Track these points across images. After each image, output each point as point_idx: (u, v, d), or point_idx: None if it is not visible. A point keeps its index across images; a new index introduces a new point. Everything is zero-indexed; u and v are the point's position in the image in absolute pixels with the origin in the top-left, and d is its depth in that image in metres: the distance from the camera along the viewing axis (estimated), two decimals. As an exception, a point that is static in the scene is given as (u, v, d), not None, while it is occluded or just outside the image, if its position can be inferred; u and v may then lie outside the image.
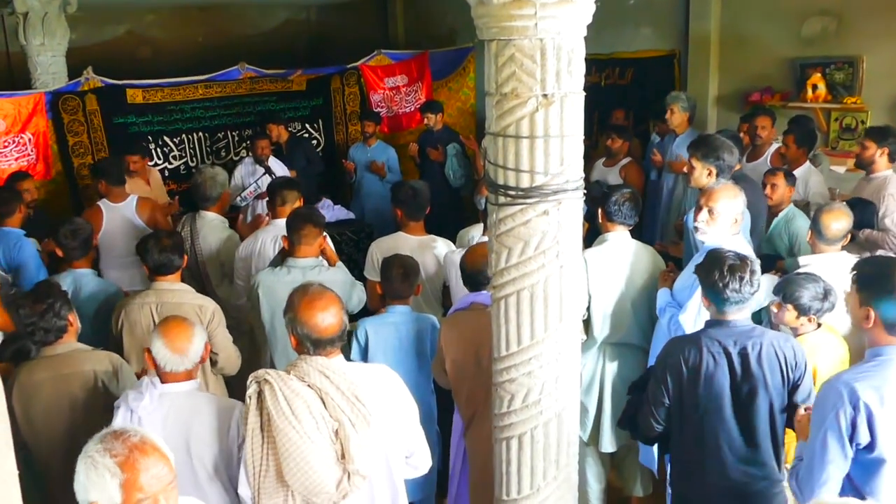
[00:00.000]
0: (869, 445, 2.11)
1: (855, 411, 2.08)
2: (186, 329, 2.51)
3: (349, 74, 7.30)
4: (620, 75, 7.02)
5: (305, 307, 2.25)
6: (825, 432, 2.13)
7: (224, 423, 2.43)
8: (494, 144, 2.20)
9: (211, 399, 2.54)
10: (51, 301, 2.86)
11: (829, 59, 5.38)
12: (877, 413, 2.08)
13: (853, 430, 2.09)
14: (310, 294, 2.29)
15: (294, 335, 2.27)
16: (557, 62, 2.05)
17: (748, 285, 2.54)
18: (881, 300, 2.10)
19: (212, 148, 6.71)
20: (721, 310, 2.59)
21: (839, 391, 2.11)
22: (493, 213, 2.27)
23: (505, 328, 2.32)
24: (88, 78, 6.00)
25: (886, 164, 4.26)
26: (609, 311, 3.35)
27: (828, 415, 2.13)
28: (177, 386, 2.47)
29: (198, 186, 4.32)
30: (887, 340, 2.14)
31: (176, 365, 2.47)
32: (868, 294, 2.14)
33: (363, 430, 2.18)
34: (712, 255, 2.67)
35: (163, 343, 2.46)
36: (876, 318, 2.12)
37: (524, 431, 2.38)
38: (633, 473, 3.63)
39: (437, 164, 6.39)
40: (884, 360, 2.13)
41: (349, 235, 5.62)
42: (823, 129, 5.49)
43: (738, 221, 3.18)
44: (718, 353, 2.55)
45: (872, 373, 2.13)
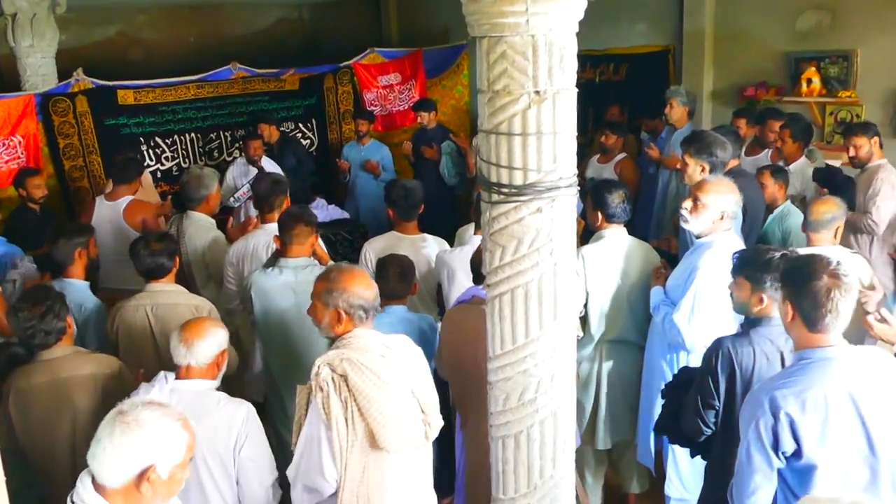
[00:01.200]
0: (796, 453, 2.08)
1: (775, 420, 2.05)
2: (206, 328, 2.54)
3: (342, 73, 7.27)
4: (615, 71, 7.01)
5: (350, 280, 2.41)
6: (748, 443, 2.12)
7: (228, 422, 2.45)
8: (487, 142, 2.18)
9: (220, 399, 2.53)
10: (49, 303, 2.84)
11: (824, 54, 5.39)
12: (799, 420, 2.05)
13: (775, 439, 2.07)
14: (345, 270, 2.49)
15: (342, 310, 2.38)
16: (549, 58, 2.04)
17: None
18: (800, 294, 2.08)
19: (204, 149, 6.68)
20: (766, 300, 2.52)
21: (760, 401, 2.10)
22: (486, 210, 2.26)
23: (500, 326, 2.31)
24: (79, 79, 5.96)
25: (879, 154, 4.28)
26: (606, 308, 3.34)
27: (748, 425, 2.12)
28: (190, 383, 2.51)
29: (184, 186, 4.32)
30: (809, 341, 2.11)
31: (179, 357, 2.51)
32: (789, 289, 2.13)
33: (429, 385, 2.44)
34: (758, 252, 2.61)
35: (177, 332, 2.53)
36: (794, 312, 2.10)
37: (520, 430, 2.37)
38: (631, 470, 3.62)
39: (432, 163, 6.38)
40: (806, 364, 2.10)
41: (344, 235, 5.61)
42: (818, 123, 5.49)
43: (727, 217, 3.15)
44: (771, 351, 2.50)
45: (795, 378, 2.10)
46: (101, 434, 1.75)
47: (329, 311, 2.40)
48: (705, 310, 3.01)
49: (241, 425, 2.46)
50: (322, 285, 2.44)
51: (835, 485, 2.10)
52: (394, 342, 2.45)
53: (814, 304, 2.06)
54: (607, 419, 3.44)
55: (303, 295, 2.87)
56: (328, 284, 2.42)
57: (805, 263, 2.14)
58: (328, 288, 2.41)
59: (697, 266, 3.04)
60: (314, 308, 2.47)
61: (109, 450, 1.72)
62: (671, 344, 3.12)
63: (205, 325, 2.56)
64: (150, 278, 3.33)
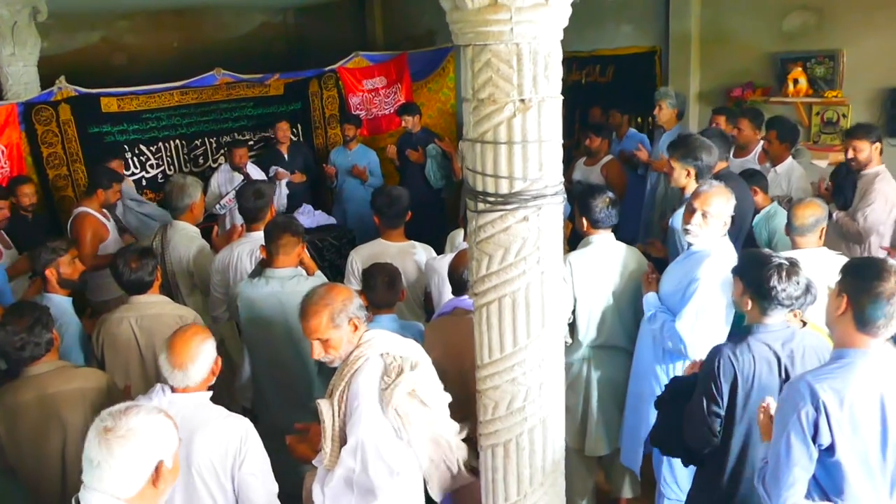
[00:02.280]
0: (830, 447, 2.08)
1: (817, 412, 2.06)
2: (192, 346, 2.46)
3: (327, 77, 7.24)
4: (602, 73, 7.02)
5: (337, 292, 2.48)
6: (788, 434, 2.10)
7: (227, 439, 2.41)
8: (472, 150, 2.17)
9: (219, 413, 2.50)
10: (37, 314, 2.81)
11: (810, 54, 5.41)
12: (834, 415, 2.05)
13: (815, 430, 2.07)
14: (325, 288, 2.54)
15: (354, 319, 2.45)
16: (534, 67, 2.03)
17: (800, 289, 2.48)
18: (861, 290, 2.07)
19: (189, 155, 6.63)
20: (765, 311, 2.52)
21: (801, 391, 2.09)
22: (472, 219, 2.25)
23: (487, 335, 2.30)
24: (61, 87, 5.89)
25: (878, 160, 4.24)
26: (594, 313, 3.33)
27: (790, 416, 2.10)
28: (186, 397, 2.47)
29: (167, 195, 4.28)
30: (853, 339, 2.10)
31: (177, 381, 2.46)
32: (849, 284, 2.11)
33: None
34: (758, 256, 2.60)
35: (165, 356, 2.46)
36: (848, 306, 2.09)
37: (509, 438, 2.36)
38: (622, 475, 3.62)
39: (418, 166, 6.36)
40: (846, 364, 2.10)
41: (331, 241, 5.58)
42: (805, 123, 5.52)
43: (727, 224, 3.16)
44: (770, 358, 2.49)
45: (834, 374, 2.10)
46: (97, 456, 1.77)
47: (344, 328, 2.42)
48: (707, 318, 3.00)
49: (241, 442, 2.43)
50: (324, 314, 2.41)
51: (860, 484, 2.10)
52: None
53: (873, 305, 2.05)
54: (599, 426, 3.43)
55: (289, 305, 2.85)
56: (329, 308, 2.41)
57: (875, 263, 2.13)
58: (333, 311, 2.41)
59: (697, 276, 3.02)
60: (326, 343, 2.43)
61: (117, 466, 1.77)
62: (669, 351, 3.10)
63: (193, 343, 2.47)
64: (132, 293, 3.30)
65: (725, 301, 3.00)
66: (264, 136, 6.95)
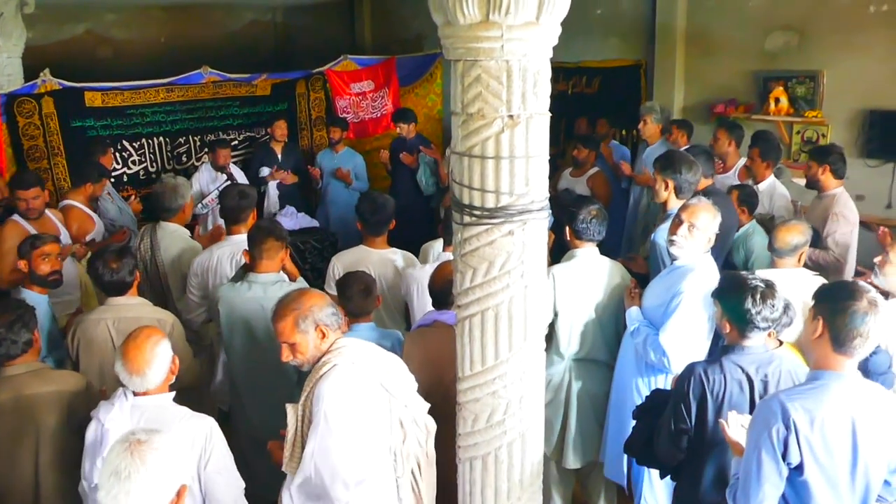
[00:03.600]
0: (799, 467, 2.11)
1: (787, 430, 2.08)
2: (146, 351, 2.46)
3: (315, 79, 7.22)
4: (588, 84, 7.07)
5: (308, 297, 2.48)
6: (759, 451, 2.12)
7: (191, 438, 2.42)
8: (460, 164, 2.18)
9: (183, 414, 2.51)
10: (20, 312, 2.79)
11: (792, 74, 5.49)
12: (805, 435, 2.08)
13: (785, 448, 2.09)
14: (297, 293, 2.55)
15: (322, 325, 2.45)
16: (523, 84, 2.05)
17: (777, 311, 2.50)
18: (835, 312, 2.10)
19: (172, 153, 6.57)
20: (744, 335, 2.53)
21: (773, 409, 2.11)
22: (458, 232, 2.26)
23: (469, 348, 2.31)
24: (45, 80, 5.81)
25: (836, 182, 4.27)
26: (577, 327, 3.34)
27: (762, 433, 2.12)
28: (148, 399, 2.48)
29: (158, 197, 4.19)
30: (829, 362, 2.13)
31: (136, 386, 2.47)
32: (824, 307, 2.15)
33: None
34: (735, 279, 2.61)
35: (121, 364, 2.46)
36: (824, 328, 2.12)
37: (488, 452, 2.37)
38: (598, 487, 3.63)
39: (409, 172, 6.36)
40: (820, 385, 2.13)
41: (313, 244, 5.56)
42: (786, 141, 5.59)
43: (711, 240, 3.19)
44: (742, 379, 2.50)
45: (807, 395, 2.12)
46: (127, 467, 1.73)
47: (311, 334, 2.43)
48: (690, 332, 3.03)
49: (205, 441, 2.44)
50: (290, 318, 2.43)
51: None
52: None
53: (849, 325, 2.07)
54: (577, 438, 3.44)
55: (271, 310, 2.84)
56: (296, 312, 2.44)
57: (847, 286, 2.16)
58: (298, 316, 2.43)
59: (681, 290, 3.04)
60: (293, 347, 2.45)
61: (148, 478, 1.73)
62: (651, 364, 3.12)
63: (146, 348, 2.46)
64: (111, 294, 3.27)
65: (707, 315, 3.03)
66: (250, 135, 6.91)
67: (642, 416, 2.81)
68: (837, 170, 4.24)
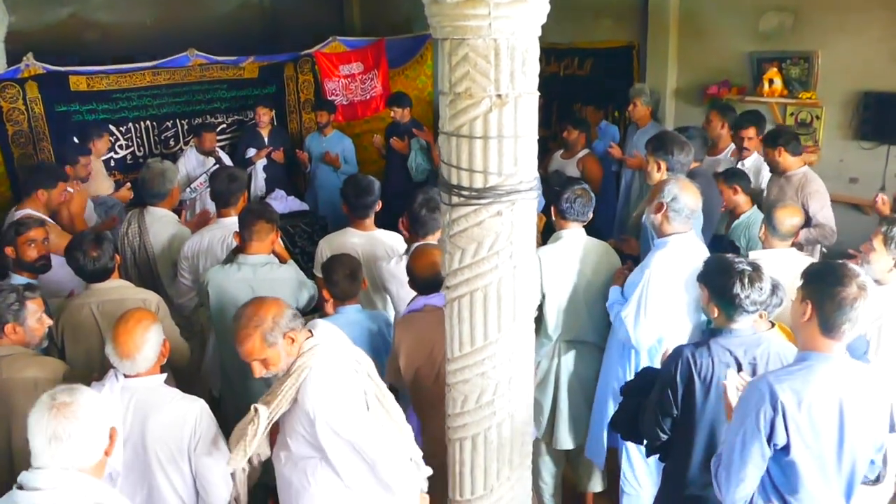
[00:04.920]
0: (785, 447, 2.13)
1: (774, 412, 2.09)
2: (136, 335, 2.46)
3: (303, 62, 7.15)
4: (580, 66, 7.03)
5: (266, 307, 2.41)
6: (745, 431, 2.14)
7: (181, 420, 2.44)
8: (448, 144, 2.16)
9: (173, 396, 2.53)
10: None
11: (786, 54, 5.46)
12: (792, 416, 2.09)
13: (772, 430, 2.11)
14: (253, 304, 2.45)
15: (287, 333, 2.40)
16: (511, 62, 2.02)
17: (763, 293, 2.50)
18: (824, 297, 2.10)
19: (160, 137, 6.51)
20: (731, 317, 2.54)
21: (761, 390, 2.13)
22: (446, 213, 2.24)
23: (458, 329, 2.30)
24: (29, 64, 5.73)
25: (796, 161, 4.30)
26: (563, 308, 3.34)
27: (749, 414, 2.14)
28: (139, 381, 2.49)
29: (146, 182, 4.13)
30: (817, 344, 2.14)
31: (126, 369, 2.47)
32: (812, 290, 2.15)
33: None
34: (722, 263, 2.61)
35: (111, 347, 2.46)
36: (812, 312, 2.12)
37: (477, 432, 2.37)
38: (588, 469, 3.65)
39: (402, 157, 6.29)
40: (808, 366, 2.14)
41: (302, 228, 5.53)
42: (779, 123, 5.58)
43: (691, 218, 3.18)
44: (730, 362, 2.50)
45: (795, 376, 2.14)
46: (56, 430, 1.81)
47: (280, 344, 2.38)
48: (653, 308, 3.02)
49: (195, 423, 2.46)
50: (256, 336, 2.34)
51: (814, 484, 2.14)
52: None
53: (838, 311, 2.08)
54: (568, 420, 3.45)
55: (261, 292, 2.84)
56: (260, 329, 2.35)
57: (834, 269, 2.15)
58: (265, 331, 2.35)
59: (648, 265, 3.07)
60: (264, 362, 2.39)
61: (79, 436, 1.83)
62: (624, 342, 3.14)
63: (136, 333, 2.46)
64: (94, 282, 3.23)
65: (687, 298, 3.03)
66: (238, 119, 6.86)
67: (630, 393, 2.83)
68: (792, 148, 4.27)
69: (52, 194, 4.28)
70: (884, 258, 3.06)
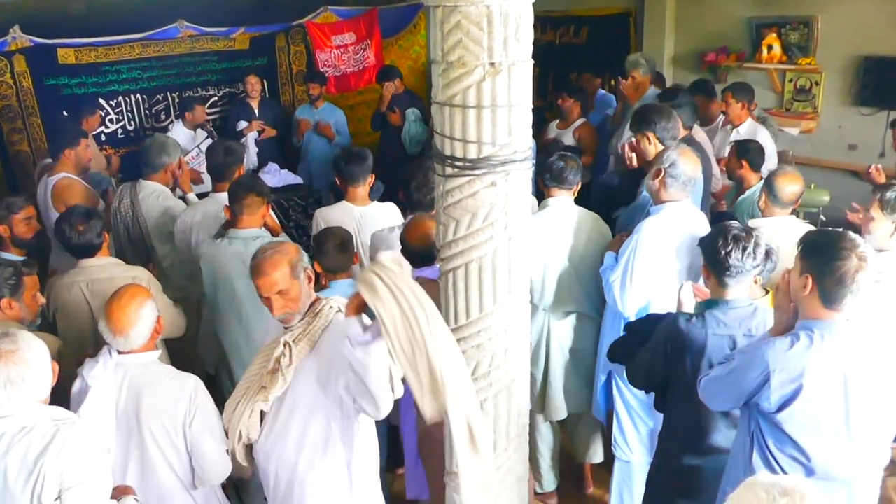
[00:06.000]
0: (787, 415, 2.11)
1: (765, 380, 2.08)
2: (130, 312, 2.44)
3: (294, 32, 7.04)
4: (575, 34, 6.93)
5: (289, 246, 2.47)
6: (730, 375, 2.18)
7: (175, 396, 2.43)
8: (441, 114, 2.13)
9: (167, 373, 2.53)
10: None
11: (785, 19, 5.38)
12: (789, 382, 2.07)
13: (759, 395, 2.11)
14: (276, 244, 2.50)
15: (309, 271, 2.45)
16: (505, 29, 1.98)
17: (750, 257, 2.47)
18: (825, 271, 2.07)
19: (150, 111, 6.42)
20: (721, 282, 2.51)
21: (762, 353, 2.12)
22: (440, 184, 2.21)
23: (454, 301, 2.28)
24: (15, 37, 5.64)
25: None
26: (551, 278, 3.30)
27: (739, 369, 2.16)
28: (133, 357, 2.47)
29: (143, 150, 4.08)
30: (819, 314, 2.12)
31: (120, 345, 2.45)
32: (811, 264, 2.12)
33: None
34: (718, 226, 2.60)
35: (105, 324, 2.44)
36: (813, 286, 2.10)
37: (474, 404, 2.36)
38: (586, 440, 3.66)
39: (396, 129, 6.20)
40: (810, 335, 2.11)
41: (297, 201, 5.49)
42: (778, 90, 5.52)
43: (687, 186, 3.15)
44: (723, 335, 2.49)
45: (795, 347, 2.10)
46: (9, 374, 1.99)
47: (302, 280, 2.40)
48: (639, 275, 3.01)
49: (190, 399, 2.44)
50: (284, 264, 2.36)
51: (813, 447, 2.14)
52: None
53: (839, 284, 2.05)
54: (559, 391, 3.44)
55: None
56: (287, 258, 2.38)
57: (833, 241, 2.11)
58: (291, 261, 2.38)
59: (638, 230, 3.05)
60: (287, 295, 2.36)
61: (32, 373, 2.02)
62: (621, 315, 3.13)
63: (130, 309, 2.44)
64: (80, 257, 3.20)
65: (679, 266, 3.01)
66: (229, 91, 6.76)
67: (631, 333, 2.82)
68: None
69: (77, 151, 4.36)
70: (884, 224, 3.03)
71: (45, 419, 2.04)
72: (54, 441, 2.00)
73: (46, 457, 1.97)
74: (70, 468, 1.99)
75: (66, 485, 1.99)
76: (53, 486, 1.98)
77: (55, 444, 1.99)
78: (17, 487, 1.97)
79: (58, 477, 1.98)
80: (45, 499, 1.97)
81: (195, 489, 2.52)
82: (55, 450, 1.99)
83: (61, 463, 1.98)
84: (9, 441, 1.99)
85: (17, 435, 1.99)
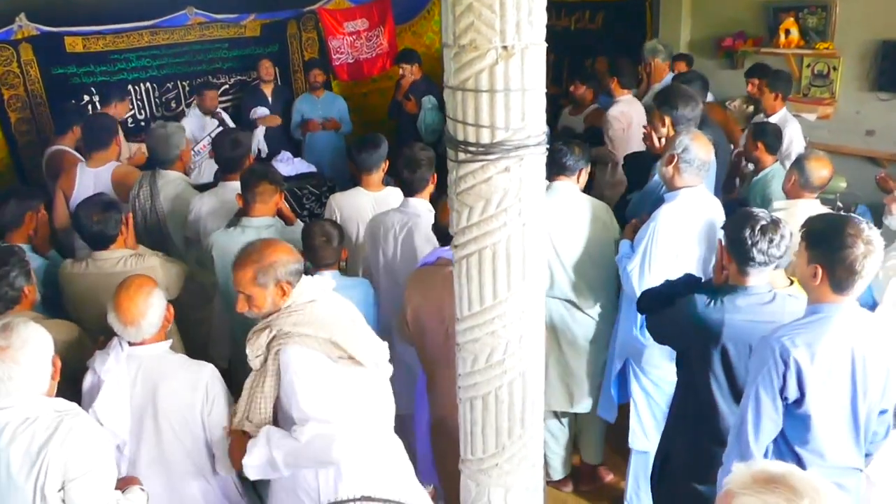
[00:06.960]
0: (797, 401, 2.14)
1: (786, 367, 2.10)
2: (139, 302, 2.44)
3: (306, 19, 7.01)
4: (591, 19, 6.86)
5: (273, 250, 2.43)
6: (757, 388, 2.16)
7: (192, 385, 2.44)
8: (453, 99, 2.10)
9: (181, 362, 2.53)
10: (6, 269, 2.75)
11: (803, 3, 5.31)
12: (806, 370, 2.10)
13: (784, 385, 2.12)
14: (262, 244, 2.48)
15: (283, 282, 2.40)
16: (517, 12, 1.94)
17: (777, 248, 2.46)
18: (834, 261, 2.08)
19: (161, 99, 6.42)
20: (743, 270, 2.50)
21: (772, 347, 2.14)
22: (453, 170, 2.18)
23: (467, 288, 2.26)
24: (22, 26, 5.64)
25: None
26: (554, 264, 3.27)
27: (761, 369, 2.15)
28: (144, 349, 2.47)
29: (153, 149, 4.08)
30: (828, 298, 2.14)
31: (131, 336, 2.45)
32: (819, 253, 2.13)
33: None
34: (743, 212, 2.59)
35: (114, 315, 2.43)
36: (823, 275, 2.11)
37: (488, 391, 2.34)
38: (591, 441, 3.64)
39: (412, 117, 6.14)
40: (821, 318, 2.14)
41: (310, 189, 5.47)
42: (796, 75, 5.43)
43: (701, 171, 3.11)
44: (740, 322, 2.48)
45: (807, 329, 2.14)
46: (7, 372, 2.00)
47: (270, 288, 2.36)
48: (658, 263, 2.99)
49: (206, 387, 2.46)
50: (249, 270, 2.37)
51: (826, 435, 2.15)
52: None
53: (848, 272, 2.07)
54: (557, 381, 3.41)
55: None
56: (256, 265, 2.37)
57: (839, 228, 2.11)
58: (258, 269, 2.36)
59: (655, 218, 3.02)
60: (250, 298, 2.38)
61: (27, 373, 2.02)
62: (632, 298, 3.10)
63: (139, 299, 2.44)
64: (94, 248, 3.20)
65: (698, 252, 2.97)
66: (240, 79, 6.75)
67: (668, 287, 2.79)
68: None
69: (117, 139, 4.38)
70: None
71: (49, 410, 2.05)
72: (57, 432, 2.01)
73: (50, 447, 1.98)
74: (74, 459, 2.00)
75: (69, 476, 1.99)
76: (57, 477, 1.98)
77: (58, 434, 2.00)
78: (20, 478, 1.97)
79: (61, 468, 1.98)
80: (48, 490, 1.97)
81: (215, 475, 2.52)
82: (58, 440, 2.00)
83: (65, 454, 1.99)
84: (12, 432, 2.00)
85: (20, 426, 2.00)
